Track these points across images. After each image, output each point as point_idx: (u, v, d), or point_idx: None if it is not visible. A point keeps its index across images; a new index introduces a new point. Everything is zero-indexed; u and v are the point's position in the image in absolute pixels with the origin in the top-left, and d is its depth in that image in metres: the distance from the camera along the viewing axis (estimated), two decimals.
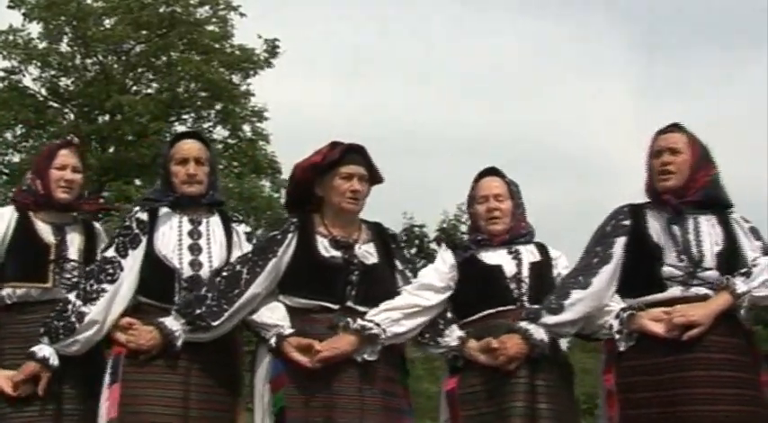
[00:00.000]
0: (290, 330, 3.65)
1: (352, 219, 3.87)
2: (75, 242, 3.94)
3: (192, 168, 3.86)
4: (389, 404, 3.69)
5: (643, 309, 3.63)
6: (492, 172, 4.01)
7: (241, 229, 3.98)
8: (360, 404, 3.60)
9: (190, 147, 3.91)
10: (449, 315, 3.82)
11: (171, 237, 3.82)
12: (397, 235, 4.03)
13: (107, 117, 19.89)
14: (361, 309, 3.71)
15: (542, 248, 3.95)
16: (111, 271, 3.74)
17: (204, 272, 3.77)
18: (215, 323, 3.64)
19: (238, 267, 3.73)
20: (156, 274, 3.76)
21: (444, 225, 23.67)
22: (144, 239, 3.80)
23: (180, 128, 20.52)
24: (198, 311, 3.64)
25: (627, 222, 3.79)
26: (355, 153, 3.83)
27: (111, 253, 3.78)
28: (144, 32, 19.66)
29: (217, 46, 20.10)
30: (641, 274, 3.70)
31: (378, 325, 3.64)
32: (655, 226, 3.75)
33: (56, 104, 20.17)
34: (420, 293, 3.79)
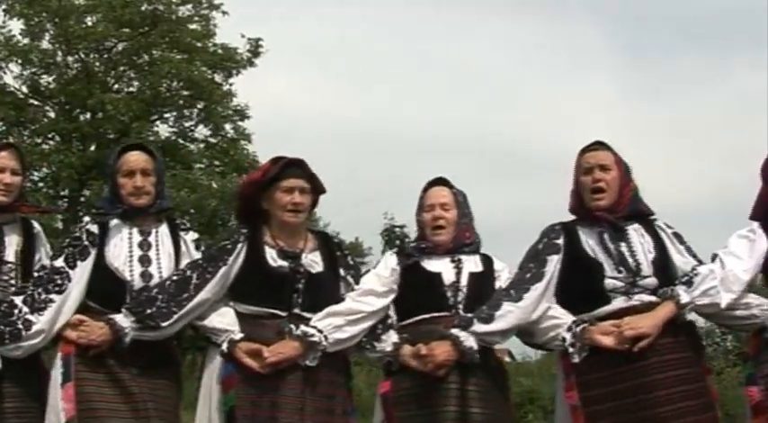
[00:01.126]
0: (240, 335, 3.81)
1: (298, 229, 4.01)
2: (12, 243, 3.97)
3: (138, 181, 3.96)
4: (331, 406, 3.85)
5: (594, 323, 3.77)
6: (440, 182, 4.14)
7: (189, 237, 4.09)
8: (301, 406, 3.75)
9: (136, 159, 4.01)
10: (389, 321, 3.97)
11: (122, 248, 3.93)
12: (342, 243, 4.25)
13: (88, 115, 19.82)
14: (308, 315, 3.86)
15: (487, 260, 4.08)
16: (59, 281, 3.84)
17: (154, 283, 3.89)
18: (164, 324, 3.79)
19: (188, 273, 3.88)
20: (108, 285, 3.88)
21: None
22: (93, 252, 3.91)
23: (162, 127, 20.53)
24: (148, 311, 3.78)
25: (559, 241, 3.94)
26: (295, 167, 3.97)
27: (59, 263, 3.88)
28: (126, 30, 19.61)
29: (199, 45, 20.07)
30: (584, 290, 3.85)
31: (320, 331, 3.79)
32: (588, 242, 3.91)
33: (36, 102, 20.10)
34: (362, 299, 3.93)
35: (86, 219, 4.05)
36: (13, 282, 3.89)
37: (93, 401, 3.75)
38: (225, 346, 3.79)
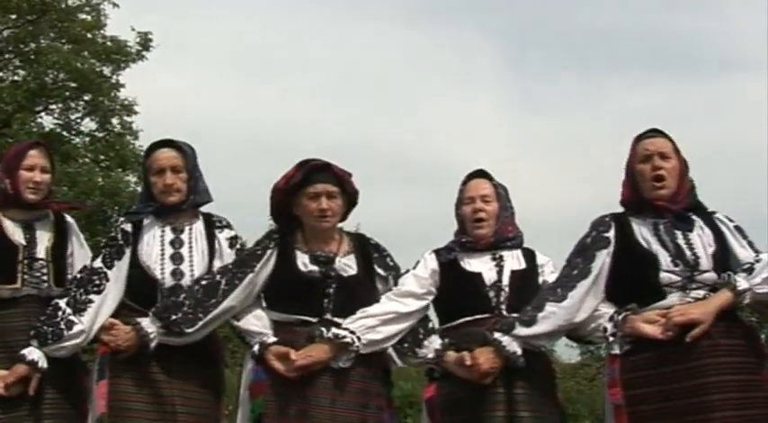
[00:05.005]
0: (273, 339, 3.77)
1: (330, 233, 3.94)
2: (44, 239, 4.05)
3: (168, 178, 3.98)
4: (364, 416, 3.77)
5: (637, 311, 3.58)
6: (480, 174, 4.01)
7: (223, 235, 4.08)
8: (330, 415, 3.70)
9: (165, 156, 4.02)
10: (430, 325, 3.89)
11: (154, 247, 3.97)
12: (380, 244, 4.05)
13: None
14: (340, 320, 3.77)
15: (529, 255, 3.95)
16: (97, 282, 3.90)
17: (186, 281, 3.92)
18: (188, 330, 3.80)
19: (218, 278, 3.86)
20: (140, 284, 3.92)
21: None
22: (128, 251, 3.96)
23: (46, 118, 20.05)
24: (173, 317, 3.79)
25: (609, 234, 3.73)
26: (320, 171, 3.87)
27: (98, 264, 3.95)
28: (12, 17, 19.05)
29: (89, 36, 19.65)
30: (637, 284, 3.64)
31: (352, 332, 3.70)
32: (642, 233, 3.70)
33: None
34: (399, 300, 3.83)
35: (122, 218, 4.14)
36: (45, 278, 3.98)
37: (124, 400, 3.81)
38: (256, 349, 3.76)
